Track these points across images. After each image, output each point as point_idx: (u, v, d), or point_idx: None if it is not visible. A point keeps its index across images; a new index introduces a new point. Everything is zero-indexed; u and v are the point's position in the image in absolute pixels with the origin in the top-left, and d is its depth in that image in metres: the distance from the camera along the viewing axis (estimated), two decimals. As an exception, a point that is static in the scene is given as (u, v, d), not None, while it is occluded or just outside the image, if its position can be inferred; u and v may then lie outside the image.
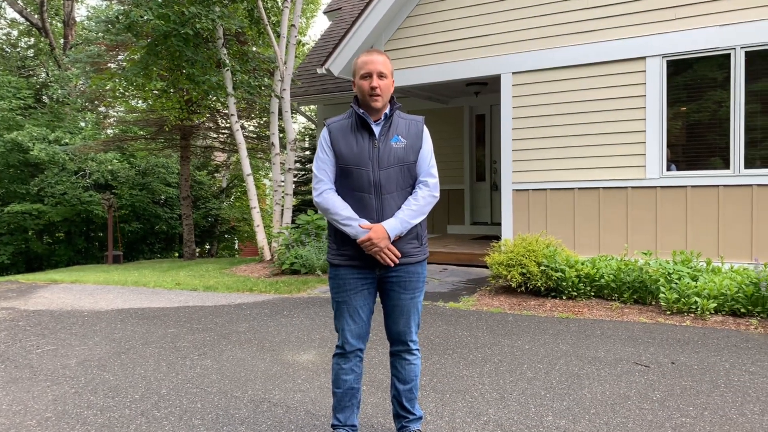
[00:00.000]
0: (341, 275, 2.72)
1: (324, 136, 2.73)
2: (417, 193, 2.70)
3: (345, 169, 2.66)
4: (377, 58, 2.65)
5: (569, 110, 7.53)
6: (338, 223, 2.65)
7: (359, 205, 2.65)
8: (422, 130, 2.76)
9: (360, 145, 2.66)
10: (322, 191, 2.70)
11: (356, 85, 2.69)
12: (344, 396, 2.80)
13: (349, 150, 2.66)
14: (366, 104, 2.67)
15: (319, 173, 2.71)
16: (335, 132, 2.70)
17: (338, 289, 2.74)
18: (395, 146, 2.68)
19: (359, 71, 2.66)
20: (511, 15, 7.85)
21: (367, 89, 2.63)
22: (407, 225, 2.66)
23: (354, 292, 2.71)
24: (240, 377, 4.07)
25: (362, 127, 2.69)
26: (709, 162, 6.86)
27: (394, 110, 2.73)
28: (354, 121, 2.70)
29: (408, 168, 2.69)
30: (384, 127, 2.69)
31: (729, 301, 5.34)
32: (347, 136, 2.68)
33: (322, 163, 2.71)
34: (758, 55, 6.55)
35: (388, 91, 2.68)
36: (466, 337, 4.96)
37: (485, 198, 11.56)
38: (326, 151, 2.70)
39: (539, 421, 3.22)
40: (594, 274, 6.17)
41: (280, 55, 10.42)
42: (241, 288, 7.77)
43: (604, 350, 4.46)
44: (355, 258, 2.69)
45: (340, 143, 2.67)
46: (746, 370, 3.91)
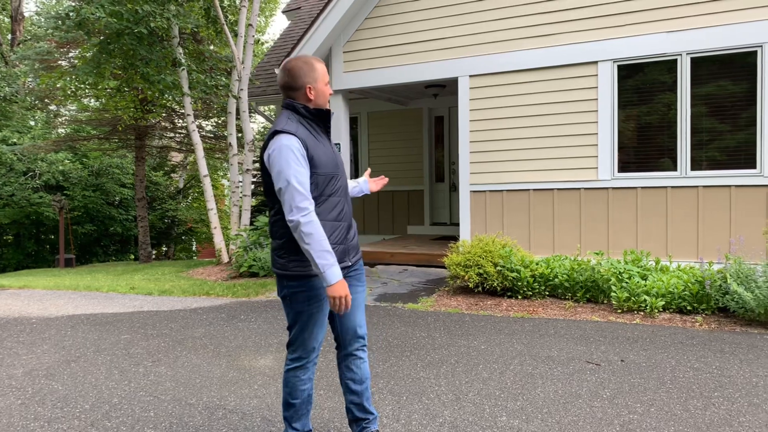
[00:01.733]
0: (318, 285, 2.61)
1: (295, 145, 2.50)
2: None
3: (327, 176, 2.59)
4: None
5: (525, 113, 7.67)
6: (314, 254, 2.42)
7: (337, 211, 2.64)
8: None
9: (330, 152, 2.67)
10: (310, 212, 2.45)
11: (318, 91, 2.62)
12: (302, 405, 2.76)
13: (326, 156, 2.61)
14: (321, 109, 2.64)
15: (304, 189, 2.47)
16: (307, 140, 2.56)
17: (314, 299, 2.62)
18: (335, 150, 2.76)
19: (323, 77, 2.63)
20: (468, 18, 7.95)
21: (328, 96, 2.66)
22: None
23: (326, 300, 2.65)
24: (195, 384, 4.01)
25: (325, 132, 2.69)
26: (658, 164, 7.09)
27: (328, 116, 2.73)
28: (311, 126, 2.63)
29: None
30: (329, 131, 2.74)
31: (676, 299, 5.53)
32: (316, 143, 2.59)
33: (304, 177, 2.48)
34: (703, 60, 6.80)
35: None
36: (424, 338, 5.00)
37: (445, 199, 11.67)
38: (302, 163, 2.49)
39: (493, 421, 3.27)
40: (548, 274, 6.31)
41: (238, 55, 10.29)
42: (198, 292, 7.65)
43: (557, 349, 4.56)
44: (340, 261, 2.66)
45: (315, 151, 2.56)
46: (691, 367, 4.06)
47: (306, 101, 2.63)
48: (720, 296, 5.35)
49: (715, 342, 4.61)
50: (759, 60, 6.50)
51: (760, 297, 4.91)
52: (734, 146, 6.72)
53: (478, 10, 7.88)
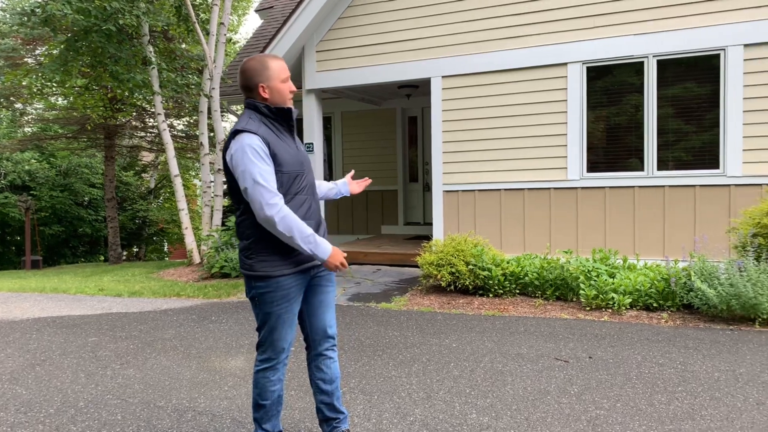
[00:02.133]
0: (286, 285, 2.61)
1: (257, 144, 2.50)
2: None
3: (291, 174, 2.59)
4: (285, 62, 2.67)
5: (496, 114, 7.75)
6: (300, 242, 2.49)
7: (304, 209, 2.63)
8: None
9: (294, 150, 2.66)
10: (281, 206, 2.48)
11: (273, 89, 2.60)
12: (272, 406, 2.76)
13: (290, 155, 2.60)
14: (282, 108, 2.62)
15: (271, 186, 2.47)
16: (270, 139, 2.55)
17: (283, 300, 2.62)
18: (302, 148, 2.76)
19: (279, 75, 2.60)
20: (440, 20, 8.00)
21: (288, 93, 2.63)
22: None
23: (295, 300, 2.66)
24: (164, 386, 3.96)
25: (288, 131, 2.67)
26: (625, 164, 7.23)
27: (294, 113, 2.71)
28: (273, 125, 2.62)
29: None
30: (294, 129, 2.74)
31: (643, 297, 5.64)
32: (279, 141, 2.59)
33: (269, 175, 2.48)
34: (669, 63, 6.95)
35: None
36: (396, 337, 5.02)
37: (418, 198, 11.72)
38: (265, 161, 2.49)
39: (463, 419, 3.30)
40: (519, 273, 6.38)
41: (209, 54, 10.19)
42: (168, 293, 7.55)
43: (527, 346, 4.62)
44: (304, 262, 2.65)
45: (278, 149, 2.56)
46: (656, 362, 4.15)
47: (263, 100, 2.62)
48: (685, 293, 5.48)
49: (679, 338, 4.72)
50: (722, 63, 6.67)
51: (722, 294, 5.04)
52: (699, 147, 6.89)
53: (449, 12, 7.93)
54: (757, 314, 4.94)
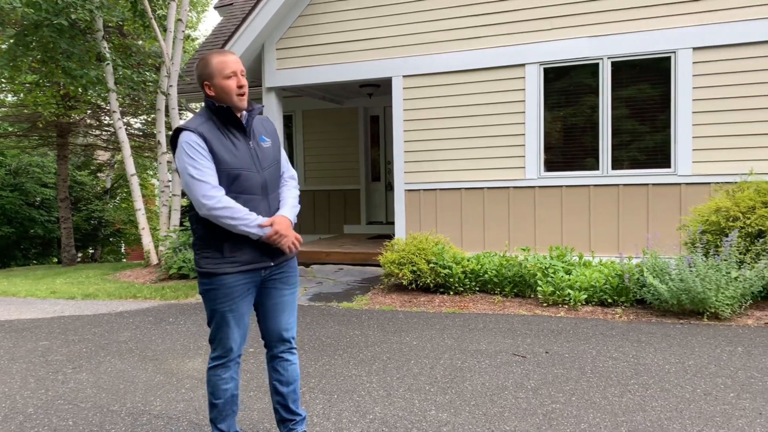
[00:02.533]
0: (229, 284, 2.59)
1: (196, 141, 2.49)
2: (289, 184, 2.79)
3: (233, 173, 2.54)
4: (235, 57, 2.59)
5: (457, 113, 7.82)
6: (245, 227, 2.50)
7: (251, 209, 2.58)
8: (275, 128, 2.82)
9: (240, 148, 2.59)
10: (220, 197, 2.48)
11: (216, 87, 2.55)
12: (225, 405, 2.73)
13: (231, 154, 2.55)
14: (232, 105, 2.57)
15: (207, 179, 2.48)
16: (208, 136, 2.53)
17: (225, 298, 2.61)
18: (265, 146, 2.69)
19: (222, 71, 2.54)
20: (401, 19, 8.02)
21: (235, 88, 2.55)
22: (296, 212, 2.72)
23: (241, 299, 2.64)
24: (119, 390, 3.87)
25: (236, 128, 2.61)
26: (581, 163, 7.39)
27: (255, 111, 2.68)
28: (220, 123, 2.58)
29: (278, 166, 2.74)
30: (249, 128, 2.65)
31: (598, 293, 5.78)
32: (221, 139, 2.55)
33: (208, 170, 2.48)
34: (623, 65, 7.13)
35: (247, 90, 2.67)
36: (357, 336, 5.01)
37: (381, 198, 11.73)
38: (204, 156, 2.49)
39: (423, 415, 3.32)
40: (479, 270, 6.46)
41: (167, 51, 9.99)
42: (125, 295, 7.38)
43: (485, 343, 4.68)
44: (249, 262, 2.61)
45: (218, 147, 2.53)
46: (610, 356, 4.25)
47: (210, 98, 2.60)
48: (638, 289, 5.64)
49: (632, 332, 4.85)
50: (673, 65, 6.88)
51: (673, 289, 5.20)
52: (651, 147, 7.10)
53: (410, 11, 7.96)
54: (705, 308, 5.12)
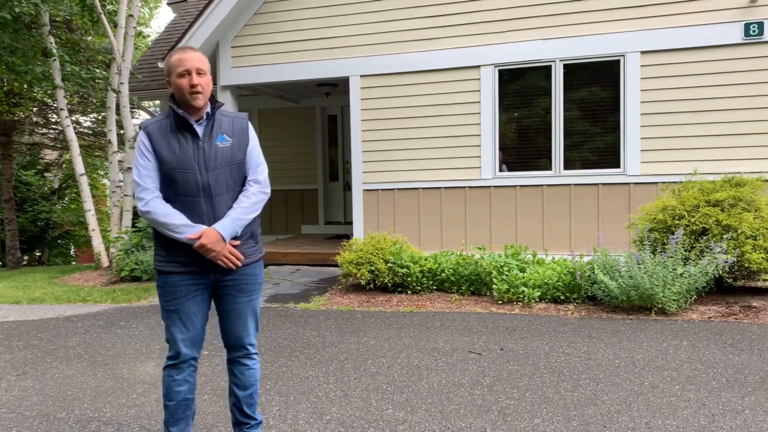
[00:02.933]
0: (172, 282, 2.59)
1: (142, 140, 2.54)
2: (248, 191, 2.65)
3: (169, 173, 2.52)
4: (194, 55, 2.55)
5: (414, 114, 7.87)
6: (171, 233, 2.51)
7: (189, 211, 2.54)
8: (247, 127, 2.71)
9: (183, 148, 2.54)
10: (148, 200, 2.51)
11: (172, 85, 2.55)
12: (177, 408, 2.68)
13: (172, 153, 2.53)
14: (186, 104, 2.54)
15: (142, 181, 2.52)
16: (155, 134, 2.53)
17: (169, 297, 2.60)
18: (221, 146, 2.60)
19: (176, 69, 2.53)
20: (359, 19, 8.02)
21: (187, 87, 2.51)
22: (240, 224, 2.59)
23: (187, 299, 2.60)
24: (66, 396, 3.74)
25: (184, 128, 2.57)
26: (535, 163, 7.54)
27: (216, 109, 2.64)
28: (173, 121, 2.57)
29: (237, 167, 2.63)
30: (207, 126, 2.59)
31: (551, 290, 5.91)
32: (168, 138, 2.54)
33: (144, 169, 2.53)
34: (574, 67, 7.31)
35: (208, 89, 2.59)
36: (314, 337, 4.99)
37: (339, 198, 11.70)
38: (147, 156, 2.53)
39: (380, 415, 3.33)
40: (436, 269, 6.51)
41: (118, 47, 9.72)
42: (73, 298, 7.14)
43: (442, 341, 4.72)
44: (189, 264, 2.57)
45: (161, 146, 2.53)
46: (563, 352, 4.35)
47: (172, 94, 2.59)
48: (589, 286, 5.79)
49: (584, 328, 4.98)
50: (621, 68, 7.09)
51: (623, 285, 5.36)
52: (602, 147, 7.29)
53: (368, 11, 7.97)
54: (653, 304, 5.30)
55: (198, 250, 2.51)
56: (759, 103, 6.65)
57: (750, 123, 6.69)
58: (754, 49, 6.65)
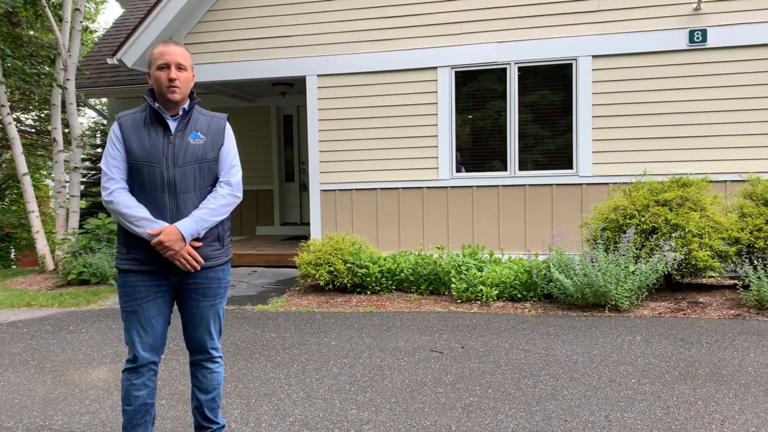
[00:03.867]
0: (131, 282, 2.51)
1: (114, 130, 2.52)
2: (217, 192, 2.58)
3: (135, 165, 2.48)
4: (175, 49, 2.50)
5: (372, 114, 7.86)
6: (131, 225, 2.44)
7: (152, 206, 2.47)
8: (224, 127, 2.66)
9: (153, 141, 2.49)
10: (112, 190, 2.47)
11: (152, 77, 2.51)
12: (136, 413, 2.59)
13: (141, 145, 2.48)
14: (163, 97, 2.50)
15: (109, 171, 2.48)
16: (126, 126, 2.50)
17: (127, 297, 2.52)
18: (193, 143, 2.54)
19: (155, 62, 2.49)
20: (315, 18, 7.96)
21: (165, 80, 2.46)
22: (204, 224, 2.51)
23: (146, 301, 2.52)
24: (14, 404, 3.57)
25: (156, 121, 2.52)
26: (491, 164, 7.65)
27: (193, 105, 2.59)
28: (148, 114, 2.53)
29: (208, 166, 2.56)
30: (182, 122, 2.54)
31: (508, 288, 6.00)
32: (140, 130, 2.50)
33: (113, 159, 2.49)
34: (529, 70, 7.46)
35: (187, 85, 2.54)
36: (274, 339, 4.92)
37: (295, 198, 11.59)
38: (117, 147, 2.49)
39: (344, 415, 3.30)
40: (395, 269, 6.52)
41: (63, 42, 9.35)
42: (17, 303, 6.82)
43: (403, 340, 4.73)
44: (148, 263, 2.49)
45: (131, 138, 2.48)
46: (522, 349, 4.42)
47: (151, 87, 2.57)
48: (545, 284, 5.91)
49: (542, 325, 5.08)
50: (574, 72, 7.28)
51: (577, 283, 5.49)
52: (555, 149, 7.47)
53: (323, 10, 7.93)
54: (606, 301, 5.45)
55: (155, 248, 2.44)
56: (703, 107, 6.94)
57: (696, 126, 6.97)
58: (698, 54, 6.94)
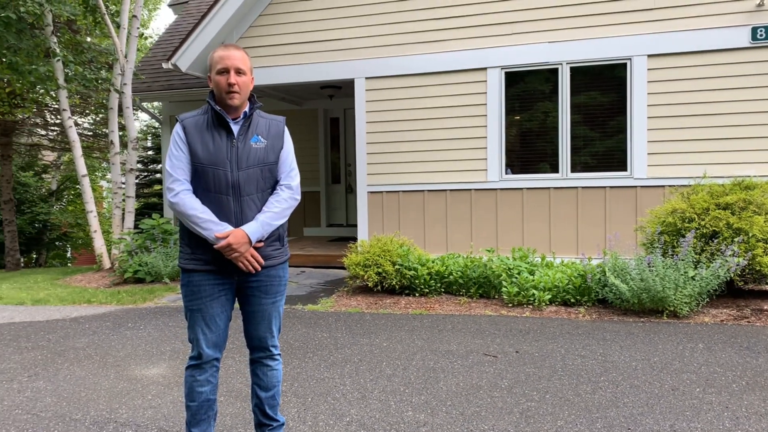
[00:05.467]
0: (195, 281, 2.56)
1: (178, 132, 2.55)
2: (279, 195, 2.63)
3: (200, 168, 2.52)
4: (235, 54, 2.54)
5: (419, 116, 7.86)
6: (196, 227, 2.49)
7: (217, 208, 2.52)
8: (283, 131, 2.69)
9: (217, 144, 2.54)
10: (178, 192, 2.51)
11: (212, 81, 2.56)
12: (200, 409, 2.65)
13: (205, 149, 2.52)
14: (223, 101, 2.54)
15: (174, 172, 2.52)
16: (190, 128, 2.54)
17: (192, 296, 2.58)
18: (255, 146, 2.58)
19: (216, 66, 2.53)
20: (365, 21, 8.01)
21: (225, 85, 2.51)
22: (269, 228, 2.57)
23: (210, 299, 2.58)
24: (80, 398, 3.70)
25: (219, 124, 2.57)
26: (541, 166, 7.53)
27: (254, 109, 2.63)
28: (210, 118, 2.57)
29: (269, 169, 2.61)
30: (243, 126, 2.58)
31: (561, 293, 5.89)
32: (203, 133, 2.54)
33: (177, 161, 2.53)
34: (581, 70, 7.32)
35: (246, 89, 2.58)
36: (326, 338, 4.95)
37: (341, 200, 11.68)
38: (181, 149, 2.53)
39: (400, 417, 3.30)
40: (444, 272, 6.49)
41: (121, 48, 9.67)
42: (78, 300, 7.08)
43: (455, 343, 4.70)
44: (212, 263, 2.55)
45: (195, 141, 2.52)
46: (578, 354, 4.33)
47: (211, 90, 2.61)
48: (599, 288, 5.77)
49: (597, 331, 4.96)
50: (629, 71, 7.10)
51: (634, 289, 5.35)
52: (609, 150, 7.30)
53: (373, 13, 7.96)
54: (664, 307, 5.29)
55: (221, 250, 2.48)
56: (766, 107, 6.67)
57: (758, 127, 6.71)
58: (761, 53, 6.68)
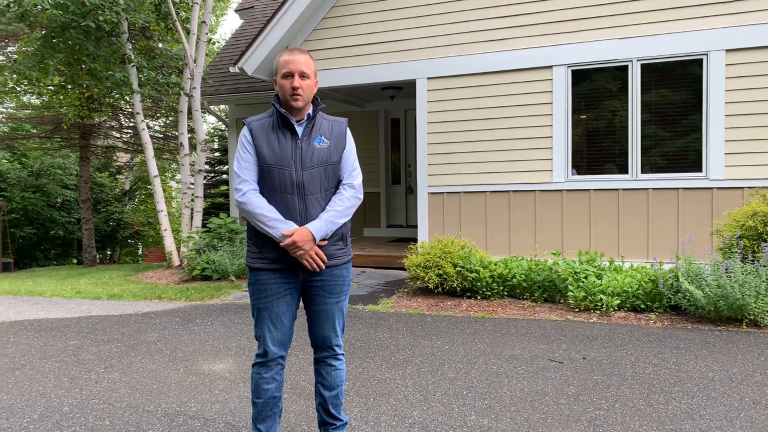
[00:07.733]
0: (262, 280, 2.62)
1: (245, 134, 2.63)
2: (342, 194, 2.66)
3: (266, 169, 2.59)
4: (299, 58, 2.59)
5: (481, 116, 7.75)
6: (263, 225, 2.54)
7: (282, 207, 2.58)
8: (345, 131, 2.73)
9: (282, 145, 2.60)
10: (245, 192, 2.58)
11: (278, 84, 2.62)
12: (265, 406, 2.70)
13: (271, 150, 2.59)
14: (287, 104, 2.61)
15: (241, 173, 2.60)
16: (256, 130, 2.62)
17: (259, 294, 2.64)
18: (318, 147, 2.63)
19: (281, 70, 2.59)
20: (426, 21, 7.98)
21: (289, 89, 2.57)
22: (332, 227, 2.60)
23: (276, 298, 2.63)
24: (152, 390, 3.84)
25: (284, 126, 2.63)
26: (610, 166, 7.28)
27: (317, 111, 2.68)
28: (276, 120, 2.64)
29: (332, 169, 2.65)
30: (307, 127, 2.63)
31: (630, 298, 5.67)
32: (269, 135, 2.61)
33: (245, 162, 2.61)
34: (652, 67, 7.03)
35: (310, 92, 2.63)
36: (387, 339, 4.96)
37: (401, 201, 11.68)
38: (248, 150, 2.61)
39: (463, 420, 3.25)
40: (506, 274, 6.37)
41: (190, 53, 10.02)
42: (149, 295, 7.38)
43: (519, 348, 4.60)
44: (278, 261, 2.60)
45: (262, 142, 2.60)
46: (650, 363, 4.16)
47: (276, 93, 2.68)
48: (672, 294, 5.52)
49: (669, 339, 4.75)
50: (704, 67, 6.77)
51: (710, 295, 5.08)
52: (682, 150, 6.98)
53: (435, 13, 7.92)
54: (744, 315, 5.00)
55: (286, 247, 2.52)
56: None
57: None
58: None
